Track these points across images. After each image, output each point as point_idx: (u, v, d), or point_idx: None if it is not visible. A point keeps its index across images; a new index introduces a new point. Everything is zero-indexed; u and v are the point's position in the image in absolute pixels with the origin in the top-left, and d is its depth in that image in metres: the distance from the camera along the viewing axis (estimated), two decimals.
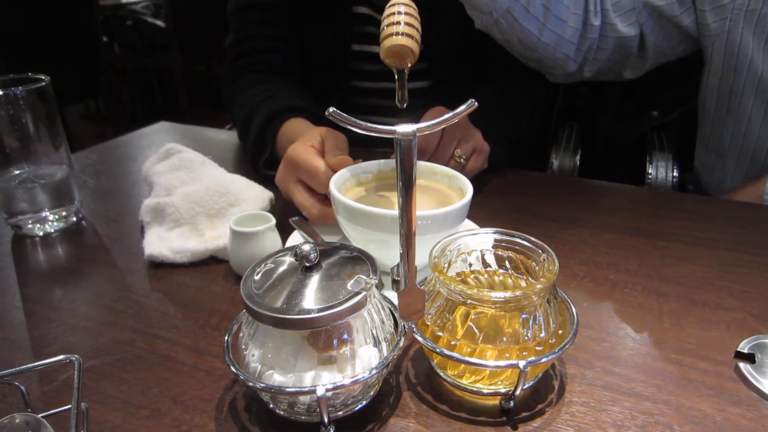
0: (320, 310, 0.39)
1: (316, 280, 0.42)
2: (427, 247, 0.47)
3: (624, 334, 0.53)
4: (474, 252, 0.49)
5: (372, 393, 0.45)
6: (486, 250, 0.49)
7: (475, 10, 0.79)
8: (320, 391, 0.39)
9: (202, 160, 0.77)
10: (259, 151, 0.84)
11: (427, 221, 0.54)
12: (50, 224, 0.74)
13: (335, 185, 0.59)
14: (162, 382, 0.48)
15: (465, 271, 0.49)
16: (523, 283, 0.48)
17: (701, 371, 0.48)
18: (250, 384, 0.41)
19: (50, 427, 0.37)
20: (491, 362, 0.42)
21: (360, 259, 0.44)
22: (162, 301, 0.59)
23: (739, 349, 0.50)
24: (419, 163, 0.65)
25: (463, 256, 0.49)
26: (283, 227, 0.64)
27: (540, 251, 0.47)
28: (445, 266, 0.47)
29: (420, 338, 0.44)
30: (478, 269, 0.49)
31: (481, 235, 0.49)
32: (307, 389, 0.39)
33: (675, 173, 0.97)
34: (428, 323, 0.45)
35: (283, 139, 0.80)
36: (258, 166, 0.85)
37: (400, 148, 0.38)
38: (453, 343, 0.43)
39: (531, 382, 0.46)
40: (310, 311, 0.39)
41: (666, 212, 0.77)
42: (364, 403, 0.44)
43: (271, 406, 0.44)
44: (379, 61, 0.54)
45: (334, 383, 0.39)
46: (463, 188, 0.60)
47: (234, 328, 0.46)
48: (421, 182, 0.64)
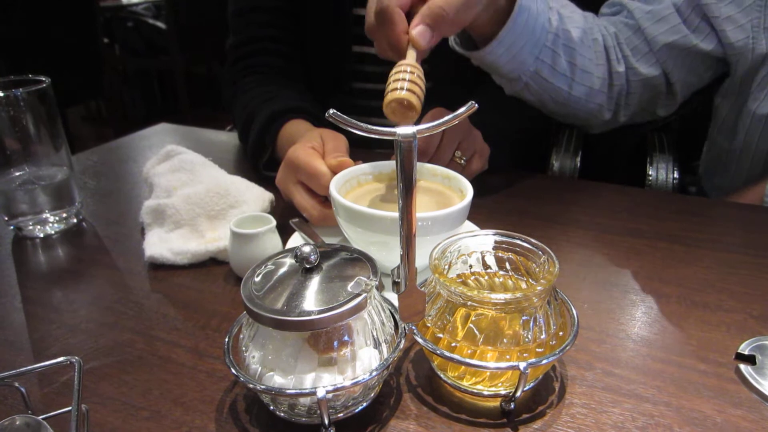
0: (320, 312, 0.39)
1: (316, 281, 0.42)
2: (428, 249, 0.47)
3: (624, 335, 0.53)
4: (474, 253, 0.49)
5: (372, 395, 0.45)
6: (486, 252, 0.49)
7: (504, 78, 0.80)
8: (320, 393, 0.38)
9: (203, 161, 0.77)
10: (260, 153, 0.84)
11: (428, 223, 0.54)
12: (51, 226, 0.74)
13: (335, 187, 0.59)
14: (162, 383, 0.48)
15: (465, 273, 0.49)
16: (524, 285, 0.48)
17: (702, 373, 0.48)
18: (251, 386, 0.41)
19: (50, 429, 0.36)
20: (492, 364, 0.42)
21: (360, 261, 0.44)
22: (162, 302, 0.59)
23: (739, 351, 0.50)
24: (419, 164, 0.65)
25: (464, 258, 0.49)
26: (283, 229, 0.64)
27: (540, 253, 0.47)
28: (446, 268, 0.47)
29: (420, 340, 0.44)
30: (478, 271, 0.49)
31: (482, 237, 0.49)
32: (307, 391, 0.39)
33: (675, 175, 0.97)
34: (428, 325, 0.45)
35: (284, 141, 0.80)
36: (258, 168, 0.85)
37: (400, 149, 0.38)
38: (453, 344, 0.43)
39: (531, 384, 0.46)
40: (310, 313, 0.39)
41: (666, 214, 0.77)
42: (365, 404, 0.44)
43: (272, 408, 0.44)
44: (380, 63, 0.54)
45: (334, 385, 0.39)
46: (464, 190, 0.60)
47: (234, 330, 0.46)
48: (421, 184, 0.64)
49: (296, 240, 0.65)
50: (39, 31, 2.40)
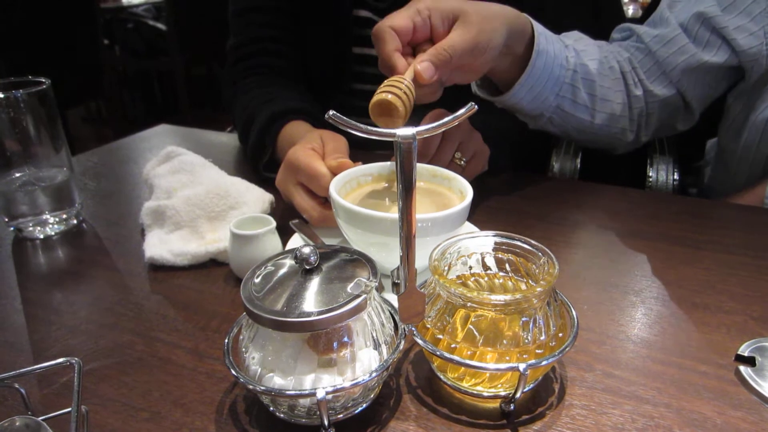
0: (320, 313, 0.39)
1: (316, 282, 0.42)
2: (427, 250, 0.47)
3: (624, 337, 0.53)
4: (474, 255, 0.49)
5: (372, 396, 0.45)
6: (486, 253, 0.49)
7: (527, 116, 0.82)
8: (320, 394, 0.39)
9: (203, 162, 0.78)
10: (260, 154, 0.84)
11: (427, 224, 0.54)
12: (51, 227, 0.74)
13: (335, 188, 0.59)
14: (162, 385, 0.48)
15: (465, 274, 0.49)
16: (524, 286, 0.48)
17: (702, 374, 0.48)
18: (251, 387, 0.41)
19: (50, 430, 0.37)
20: (491, 365, 0.42)
21: (360, 262, 0.44)
22: (162, 303, 0.59)
23: (739, 353, 0.50)
24: (419, 165, 0.65)
25: (463, 259, 0.49)
26: (283, 230, 0.64)
27: (540, 254, 0.47)
28: (445, 269, 0.47)
29: (420, 341, 0.44)
30: (478, 272, 0.49)
31: (481, 238, 0.49)
32: (307, 392, 0.39)
33: (675, 176, 0.97)
34: (428, 326, 0.45)
35: (284, 142, 0.80)
36: (258, 169, 0.85)
37: (400, 151, 0.38)
38: (453, 346, 0.43)
39: (531, 385, 0.46)
40: (310, 314, 0.39)
41: (666, 215, 0.77)
42: (365, 405, 0.44)
43: (272, 409, 0.44)
44: None
45: (334, 386, 0.39)
46: (463, 191, 0.60)
47: (234, 331, 0.46)
48: (421, 185, 0.64)
49: (296, 241, 0.65)
50: (39, 31, 2.41)
